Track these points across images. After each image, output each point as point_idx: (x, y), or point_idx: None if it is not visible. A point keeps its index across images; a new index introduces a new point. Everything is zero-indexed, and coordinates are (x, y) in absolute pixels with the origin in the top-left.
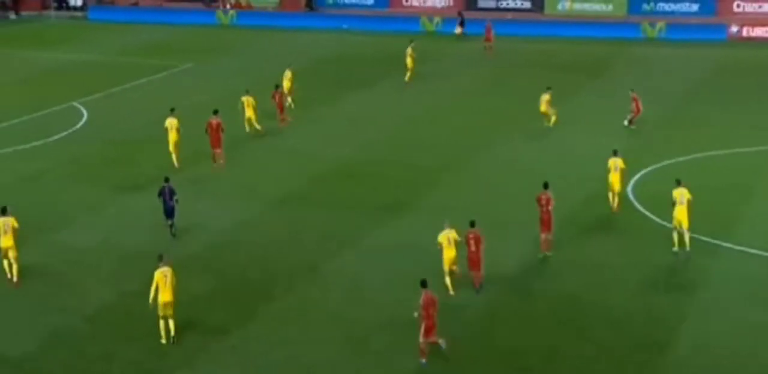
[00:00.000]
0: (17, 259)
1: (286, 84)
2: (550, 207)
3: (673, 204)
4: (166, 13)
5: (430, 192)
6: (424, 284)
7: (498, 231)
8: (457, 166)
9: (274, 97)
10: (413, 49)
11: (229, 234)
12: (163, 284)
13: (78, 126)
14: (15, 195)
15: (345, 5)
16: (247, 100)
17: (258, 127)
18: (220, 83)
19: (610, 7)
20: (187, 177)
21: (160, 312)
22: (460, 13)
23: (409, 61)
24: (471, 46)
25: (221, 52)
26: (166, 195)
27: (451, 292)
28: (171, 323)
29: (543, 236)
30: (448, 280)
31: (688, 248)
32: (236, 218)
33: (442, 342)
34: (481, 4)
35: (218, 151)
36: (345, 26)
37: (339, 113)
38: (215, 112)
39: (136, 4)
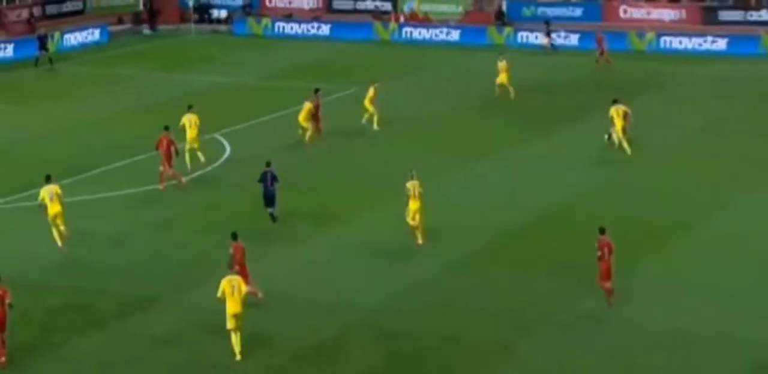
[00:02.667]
0: (65, 224)
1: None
2: None
3: None
4: (323, 26)
5: (657, 256)
6: None
7: None
8: (693, 224)
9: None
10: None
11: (401, 300)
12: (230, 293)
13: (218, 163)
14: (138, 246)
15: (547, 18)
16: None
17: None
18: (391, 114)
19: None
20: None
21: (229, 324)
22: (547, 23)
23: None
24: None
25: (389, 73)
26: (267, 181)
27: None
28: (238, 336)
29: None
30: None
31: None
32: (414, 277)
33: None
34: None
35: (167, 169)
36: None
37: (536, 151)
38: (166, 129)
39: (289, 16)
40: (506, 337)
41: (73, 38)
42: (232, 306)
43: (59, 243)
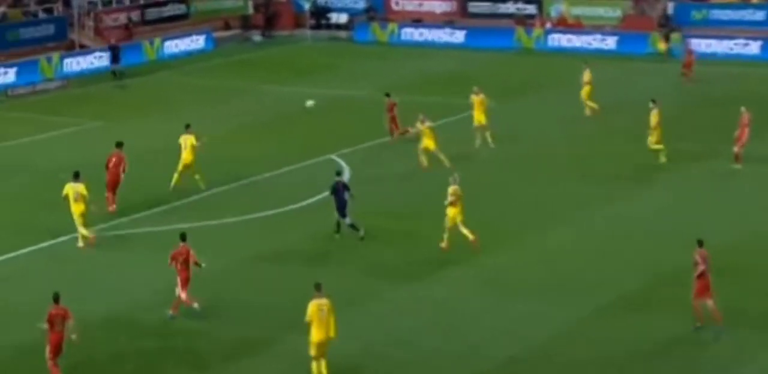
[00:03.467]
0: (85, 226)
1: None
2: None
3: None
4: (457, 33)
5: None
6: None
7: None
8: None
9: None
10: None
11: (542, 349)
12: (318, 318)
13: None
14: (245, 281)
15: (721, 22)
16: None
17: None
18: (536, 137)
19: None
20: None
21: (312, 352)
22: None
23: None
24: None
25: (532, 86)
26: (340, 191)
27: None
28: (323, 365)
29: None
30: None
31: None
32: (558, 322)
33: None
34: None
35: (110, 195)
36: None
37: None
38: (118, 145)
39: (418, 21)
40: None
41: (174, 46)
42: (317, 334)
43: (81, 243)
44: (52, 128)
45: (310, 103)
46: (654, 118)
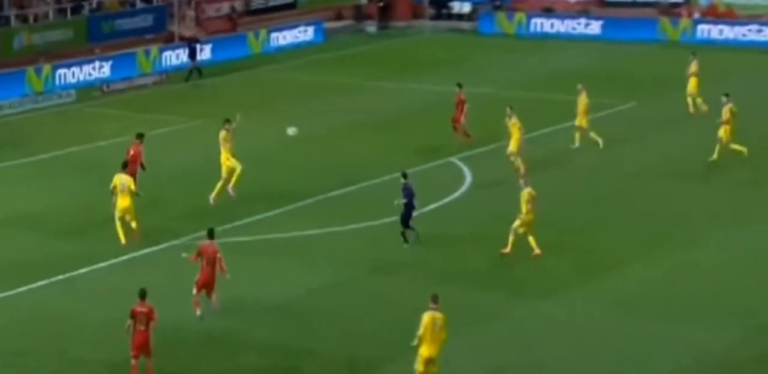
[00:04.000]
0: (136, 219)
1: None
2: None
3: None
4: (593, 23)
5: None
6: None
7: None
8: None
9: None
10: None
11: None
12: (430, 332)
13: (457, 193)
14: (357, 296)
15: None
16: None
17: None
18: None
19: None
20: None
21: (419, 367)
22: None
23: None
24: None
25: (677, 83)
26: (413, 196)
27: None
28: None
29: None
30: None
31: None
32: (700, 347)
33: None
34: None
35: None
36: None
37: None
38: (139, 137)
39: (549, 10)
40: None
41: (282, 37)
42: (428, 349)
43: (123, 240)
44: (149, 126)
45: (291, 130)
46: (726, 113)
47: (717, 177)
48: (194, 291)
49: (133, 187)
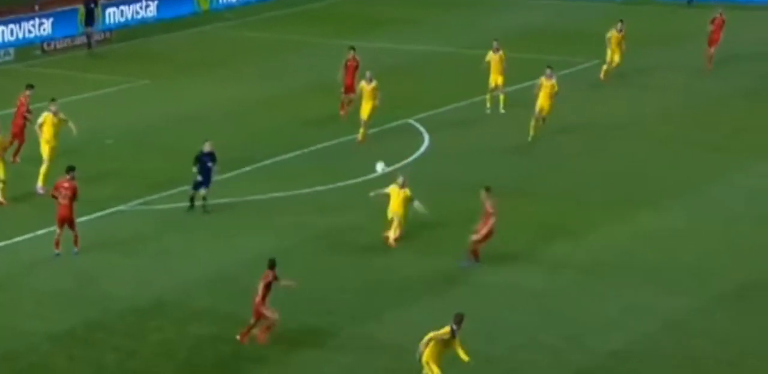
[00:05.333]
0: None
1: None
2: None
3: None
4: None
5: None
6: None
7: None
8: None
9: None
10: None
11: (646, 342)
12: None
13: (414, 156)
14: (306, 263)
15: None
16: None
17: None
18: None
19: None
20: None
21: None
22: None
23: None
24: None
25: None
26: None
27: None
28: None
29: None
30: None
31: None
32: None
33: None
34: None
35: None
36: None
37: None
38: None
39: None
40: None
41: None
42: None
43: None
44: (93, 87)
45: (380, 166)
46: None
47: (681, 139)
48: (57, 229)
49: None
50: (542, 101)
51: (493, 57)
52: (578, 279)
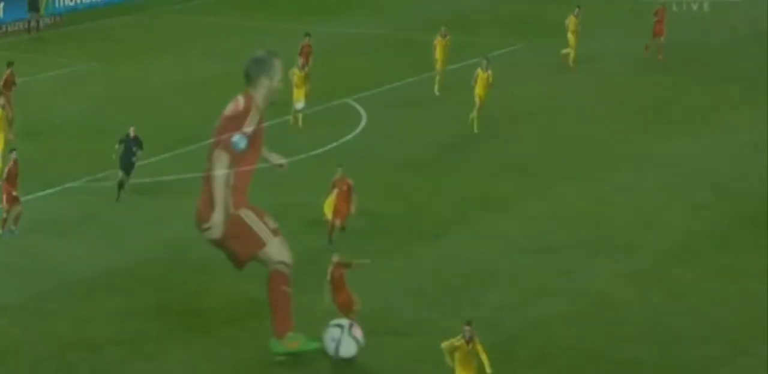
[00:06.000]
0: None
1: None
2: None
3: None
4: None
5: None
6: None
7: None
8: None
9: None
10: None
11: (567, 310)
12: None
13: (352, 135)
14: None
15: None
16: None
17: None
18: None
19: None
20: None
21: None
22: None
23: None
24: None
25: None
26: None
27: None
28: None
29: None
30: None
31: None
32: (580, 284)
33: None
34: None
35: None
36: None
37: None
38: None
39: None
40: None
41: None
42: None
43: None
44: (42, 69)
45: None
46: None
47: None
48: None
49: None
50: (479, 91)
51: (440, 41)
52: (508, 250)
